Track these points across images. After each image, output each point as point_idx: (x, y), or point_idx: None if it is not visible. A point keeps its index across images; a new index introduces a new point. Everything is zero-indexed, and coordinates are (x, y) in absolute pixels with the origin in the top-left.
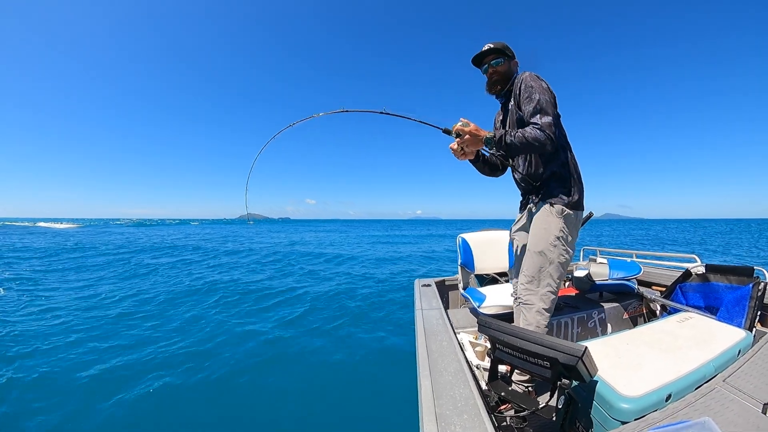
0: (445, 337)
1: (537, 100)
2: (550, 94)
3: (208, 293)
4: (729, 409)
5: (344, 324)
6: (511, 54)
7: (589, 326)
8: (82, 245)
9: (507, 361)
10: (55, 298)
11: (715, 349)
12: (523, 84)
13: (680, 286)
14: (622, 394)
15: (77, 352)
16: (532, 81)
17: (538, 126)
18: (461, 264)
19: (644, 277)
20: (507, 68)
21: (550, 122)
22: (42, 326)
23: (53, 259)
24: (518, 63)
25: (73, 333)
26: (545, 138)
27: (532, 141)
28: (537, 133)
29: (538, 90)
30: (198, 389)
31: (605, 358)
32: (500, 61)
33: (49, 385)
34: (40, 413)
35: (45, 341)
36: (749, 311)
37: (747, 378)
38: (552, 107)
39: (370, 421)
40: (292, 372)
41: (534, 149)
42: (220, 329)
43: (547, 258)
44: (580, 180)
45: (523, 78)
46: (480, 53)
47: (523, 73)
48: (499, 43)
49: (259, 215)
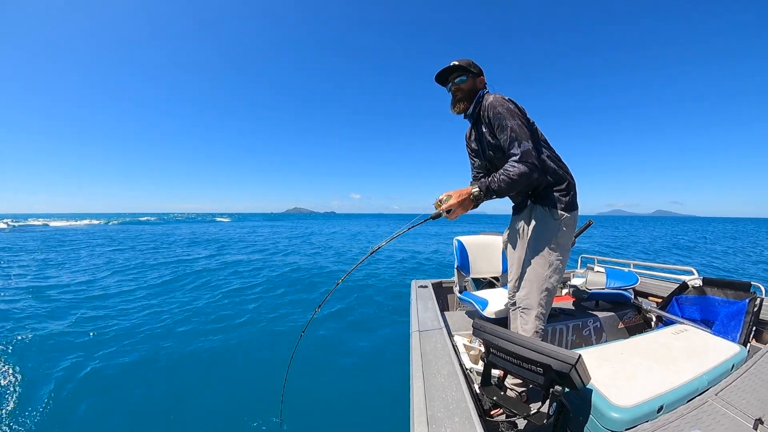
0: (440, 340)
1: (510, 128)
2: (519, 114)
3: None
4: (720, 424)
5: (345, 325)
6: (476, 71)
7: (584, 334)
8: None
9: (500, 365)
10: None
11: (709, 362)
12: (491, 111)
13: (676, 298)
14: (614, 404)
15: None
16: (499, 107)
17: (516, 158)
18: (457, 267)
19: (641, 287)
20: (471, 85)
21: (528, 149)
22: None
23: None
24: (484, 80)
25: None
26: (529, 169)
27: (518, 177)
28: (520, 168)
29: (507, 116)
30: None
31: (599, 366)
32: (464, 78)
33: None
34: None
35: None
36: (744, 326)
37: (739, 393)
38: (525, 129)
39: (360, 421)
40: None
41: (522, 184)
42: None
43: (547, 261)
44: (572, 178)
45: (490, 104)
46: (443, 70)
47: (487, 97)
48: (464, 60)
49: (305, 209)
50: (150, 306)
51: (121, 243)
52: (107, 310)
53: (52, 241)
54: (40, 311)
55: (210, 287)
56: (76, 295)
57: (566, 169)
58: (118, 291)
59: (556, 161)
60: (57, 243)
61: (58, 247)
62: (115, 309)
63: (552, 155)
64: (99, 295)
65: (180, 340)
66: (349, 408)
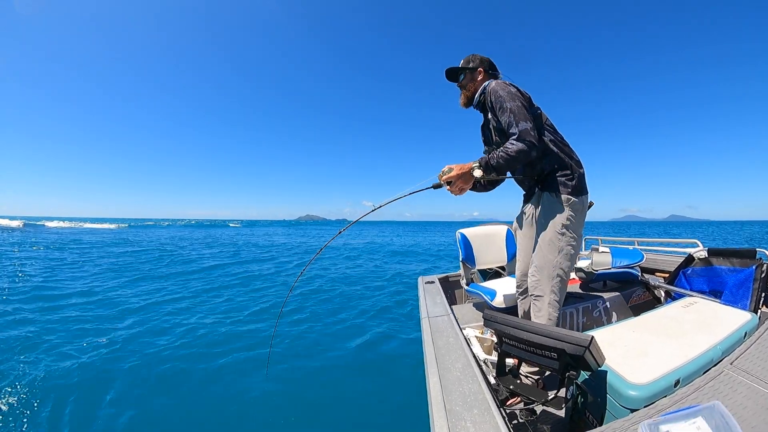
0: (451, 333)
1: (509, 110)
2: (520, 97)
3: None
4: (738, 392)
5: (353, 323)
6: (474, 65)
7: (594, 315)
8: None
9: (514, 354)
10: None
11: (721, 332)
12: (492, 96)
13: (683, 272)
14: (630, 382)
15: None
16: (500, 90)
17: (516, 136)
18: (462, 260)
19: (647, 264)
20: (470, 79)
21: (527, 128)
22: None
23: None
24: (485, 71)
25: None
26: (527, 147)
27: (515, 154)
28: (517, 145)
29: (507, 98)
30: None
31: (612, 346)
32: (462, 76)
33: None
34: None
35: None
36: (753, 293)
37: (754, 360)
38: (525, 110)
39: (381, 417)
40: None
41: (520, 160)
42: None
43: (556, 247)
44: (579, 164)
45: (491, 89)
46: (451, 69)
47: (489, 84)
48: (464, 59)
49: (317, 216)
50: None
51: (223, 248)
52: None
53: (122, 242)
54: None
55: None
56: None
57: (572, 154)
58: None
59: (560, 146)
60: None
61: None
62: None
63: (557, 140)
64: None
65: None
66: (371, 405)
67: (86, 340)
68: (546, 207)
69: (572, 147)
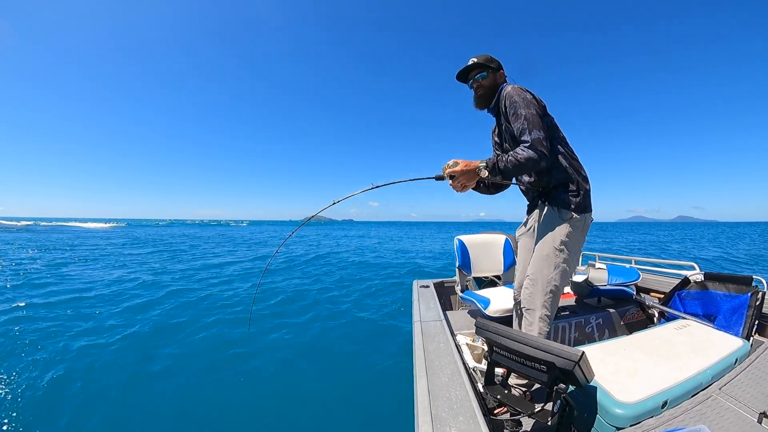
0: (443, 339)
1: (523, 117)
2: (536, 105)
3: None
4: (725, 418)
5: (342, 323)
6: (495, 66)
7: (586, 331)
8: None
9: (504, 364)
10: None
11: (712, 357)
12: (507, 100)
13: (678, 294)
14: (618, 400)
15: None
16: (515, 96)
17: (528, 144)
18: (459, 266)
19: (643, 283)
20: (492, 81)
21: (539, 138)
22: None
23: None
24: (504, 74)
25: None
26: (537, 156)
27: (525, 161)
28: (528, 152)
29: (522, 105)
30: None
31: (602, 363)
32: (484, 74)
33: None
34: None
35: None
36: (747, 320)
37: (743, 387)
38: (539, 119)
39: (364, 420)
40: (290, 366)
41: (528, 168)
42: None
43: (553, 263)
44: (586, 180)
45: (507, 93)
46: (464, 69)
47: (506, 87)
48: (482, 57)
49: (323, 217)
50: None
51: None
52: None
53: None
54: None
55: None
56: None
57: (580, 170)
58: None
59: (570, 160)
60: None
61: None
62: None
63: (567, 154)
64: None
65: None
66: (354, 407)
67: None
68: (547, 221)
69: (581, 162)
